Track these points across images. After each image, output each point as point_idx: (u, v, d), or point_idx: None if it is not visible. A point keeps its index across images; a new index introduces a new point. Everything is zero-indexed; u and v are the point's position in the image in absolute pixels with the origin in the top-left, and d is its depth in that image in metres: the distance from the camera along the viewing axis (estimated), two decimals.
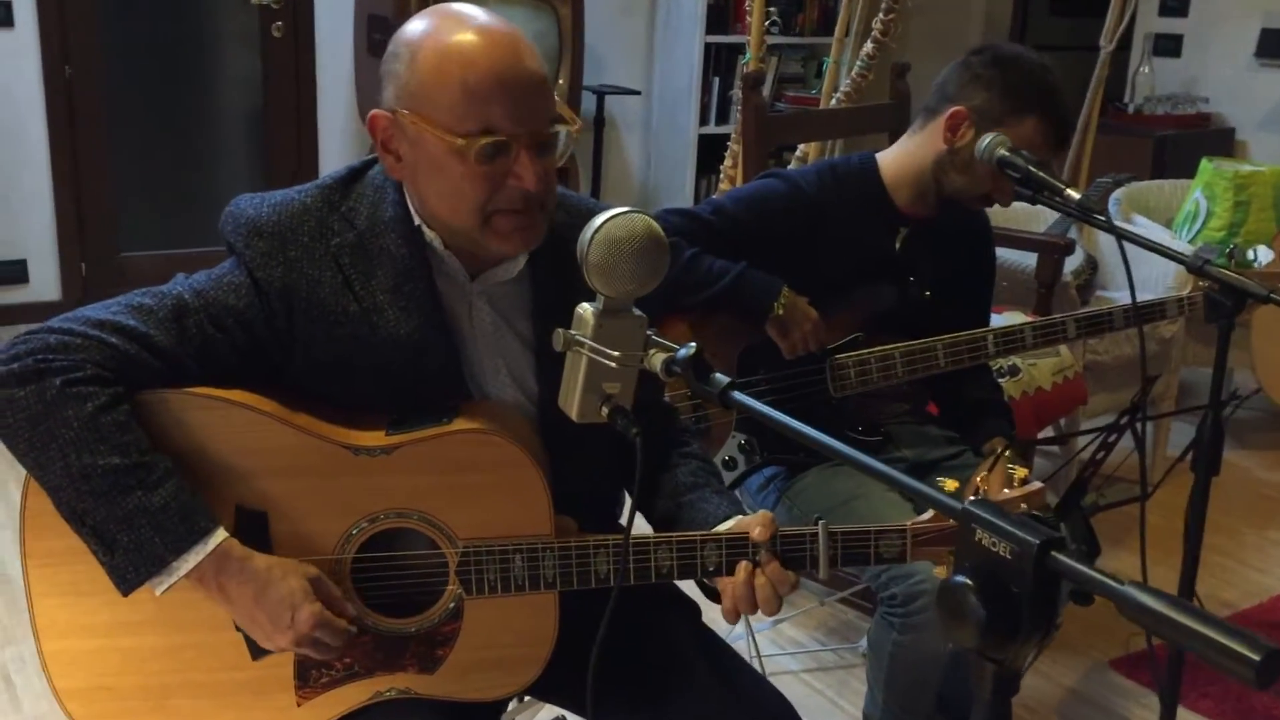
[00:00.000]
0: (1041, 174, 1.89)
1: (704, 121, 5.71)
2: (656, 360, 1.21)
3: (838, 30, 3.75)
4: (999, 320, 3.07)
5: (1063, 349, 3.12)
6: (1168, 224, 4.16)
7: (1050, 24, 7.08)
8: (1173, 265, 3.36)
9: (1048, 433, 3.25)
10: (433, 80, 1.36)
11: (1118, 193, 4.11)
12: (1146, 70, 5.43)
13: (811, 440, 1.08)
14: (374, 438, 1.42)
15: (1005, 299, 3.31)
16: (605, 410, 1.26)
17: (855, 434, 2.21)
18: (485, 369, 1.54)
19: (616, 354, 1.21)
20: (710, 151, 5.60)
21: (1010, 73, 2.03)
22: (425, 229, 1.48)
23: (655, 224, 1.24)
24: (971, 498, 1.50)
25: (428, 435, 1.42)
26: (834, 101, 3.60)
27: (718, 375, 1.17)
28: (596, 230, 1.21)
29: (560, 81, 5.04)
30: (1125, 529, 3.23)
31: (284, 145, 4.99)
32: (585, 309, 1.24)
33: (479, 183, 1.38)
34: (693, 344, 1.19)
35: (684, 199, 5.71)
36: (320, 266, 1.45)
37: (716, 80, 5.67)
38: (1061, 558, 0.82)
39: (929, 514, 1.55)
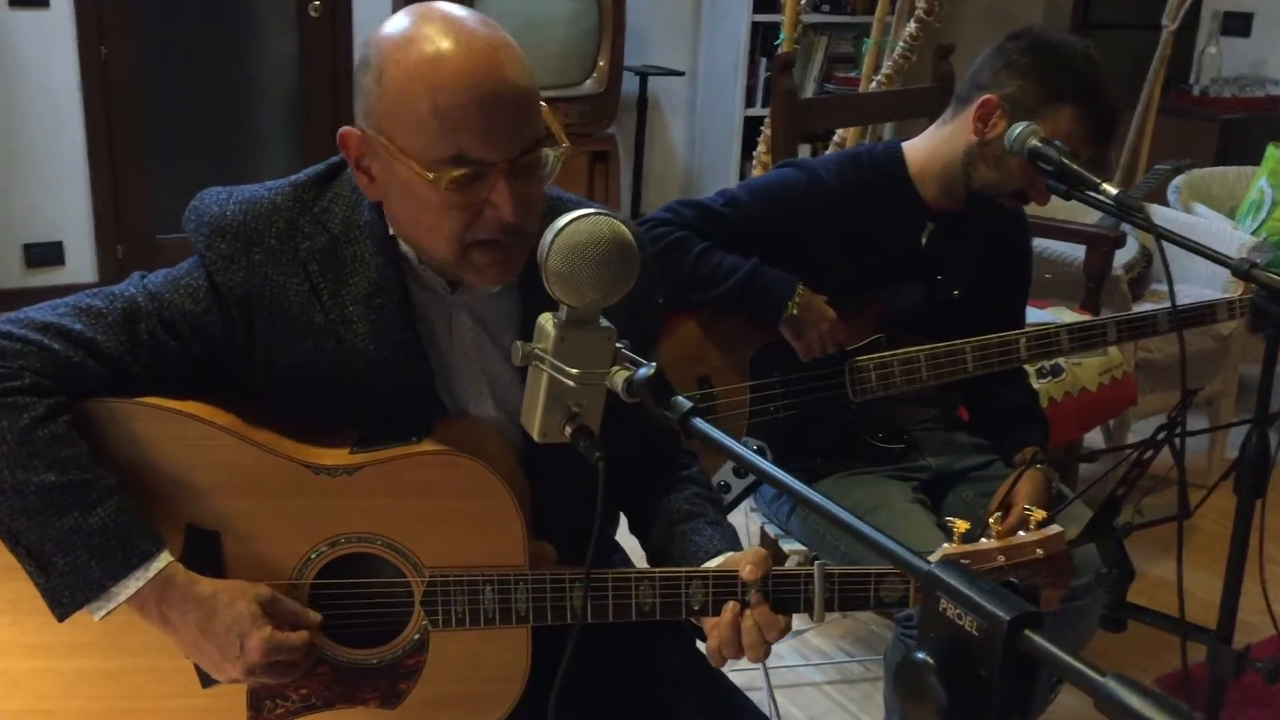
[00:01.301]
0: (1076, 167, 1.75)
1: (750, 104, 5.56)
2: (618, 379, 1.10)
3: (879, 10, 3.59)
4: (1044, 316, 2.93)
5: (1111, 347, 2.95)
6: (1230, 213, 3.95)
7: (1115, 1, 6.81)
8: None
9: (1095, 439, 3.09)
10: (400, 102, 1.24)
11: (1177, 180, 3.91)
12: (1213, 50, 5.19)
13: (767, 475, 0.97)
14: (337, 456, 1.33)
15: (1052, 293, 3.15)
16: (568, 430, 1.15)
17: (876, 440, 2.08)
18: (465, 386, 1.44)
19: (575, 371, 1.11)
20: (756, 134, 5.45)
21: (1047, 59, 1.88)
22: (401, 241, 1.37)
23: (623, 228, 1.12)
24: (946, 547, 1.38)
25: (393, 455, 1.32)
26: (874, 85, 3.45)
27: (679, 399, 1.06)
28: (558, 234, 1.10)
29: (601, 63, 4.93)
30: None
31: (321, 127, 4.92)
32: (547, 320, 1.14)
33: (452, 214, 1.27)
34: (654, 363, 1.08)
35: (729, 182, 5.57)
36: (286, 272, 1.35)
37: (764, 61, 5.51)
38: (1036, 639, 0.70)
39: (937, 554, 1.42)
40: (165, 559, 1.26)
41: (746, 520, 2.46)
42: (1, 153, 4.44)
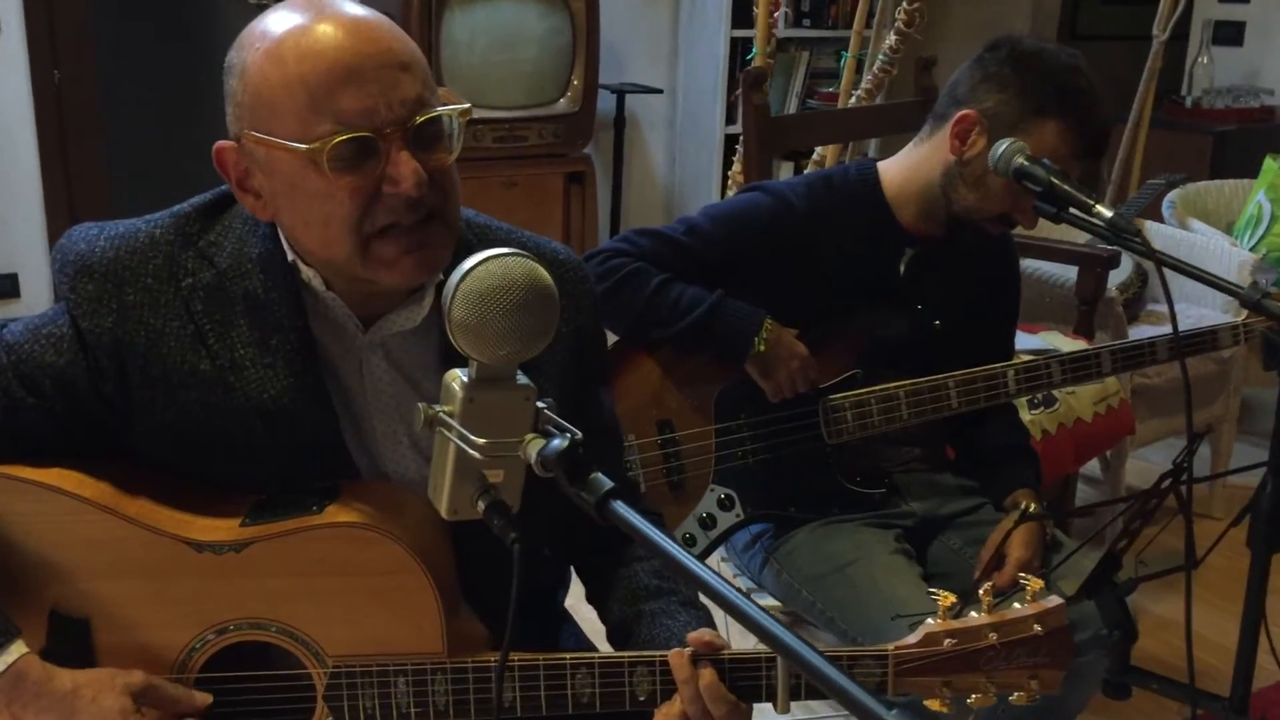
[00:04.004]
0: (1067, 188, 1.59)
1: (730, 121, 5.40)
2: (532, 449, 0.94)
3: (857, 23, 3.44)
4: (1035, 342, 2.76)
5: None
6: (1227, 229, 3.80)
7: (1103, 12, 6.69)
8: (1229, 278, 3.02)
9: (1090, 468, 2.93)
10: (265, 87, 1.10)
11: (1172, 194, 3.76)
12: (1205, 60, 5.05)
13: (685, 571, 0.80)
14: (224, 530, 1.16)
15: (1043, 316, 2.99)
16: (481, 506, 0.99)
17: (854, 485, 1.91)
18: (380, 438, 1.26)
19: (482, 441, 0.94)
20: (737, 152, 5.31)
21: (1028, 70, 1.72)
22: (301, 265, 1.20)
23: (540, 270, 0.96)
24: (930, 623, 1.21)
25: (289, 529, 1.16)
26: (854, 100, 3.29)
27: (598, 477, 0.89)
28: (463, 278, 0.94)
29: (575, 82, 4.78)
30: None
31: None
32: (454, 378, 0.98)
33: (345, 197, 1.10)
34: (569, 434, 0.91)
35: (710, 202, 5.41)
36: (165, 314, 1.18)
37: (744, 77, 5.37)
38: None
39: (919, 632, 1.25)
40: (18, 651, 1.10)
41: (718, 569, 2.29)
42: None
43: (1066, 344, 2.76)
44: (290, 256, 1.20)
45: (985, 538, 1.86)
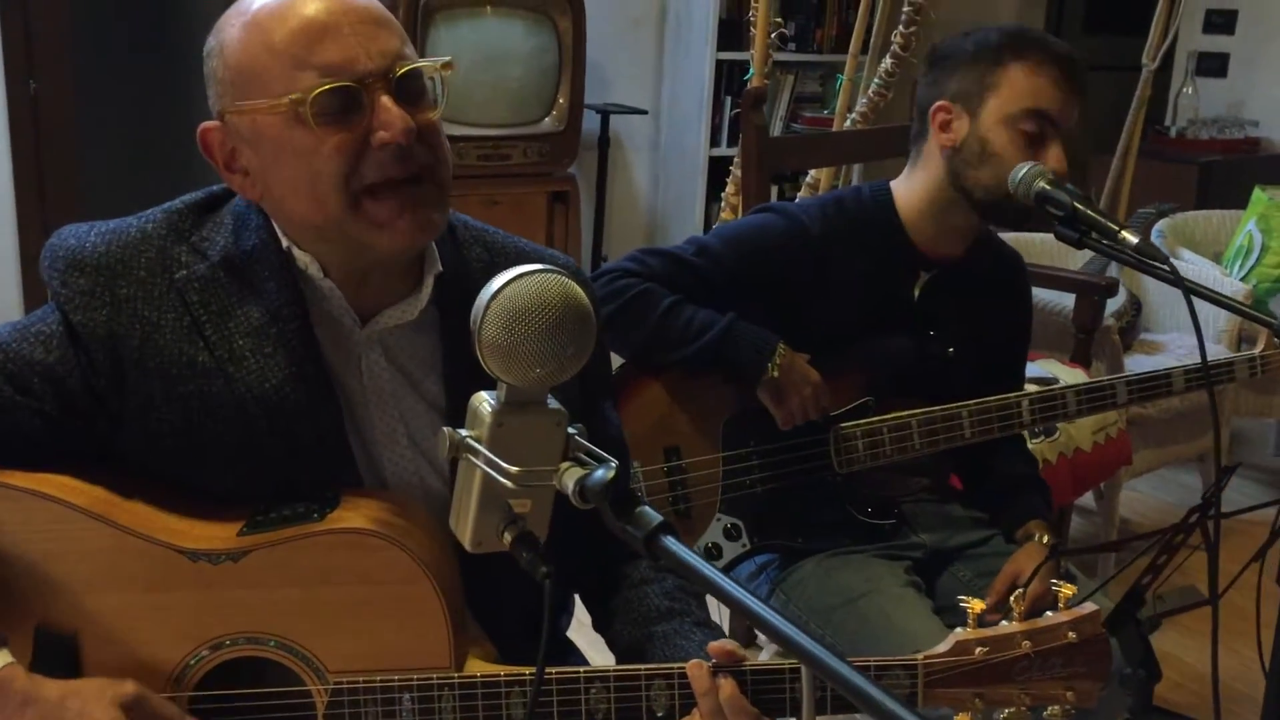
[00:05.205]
0: (1091, 212, 1.55)
1: (715, 143, 5.39)
2: (569, 479, 0.88)
3: (853, 45, 3.42)
4: (1034, 369, 2.73)
5: None
6: (1216, 258, 3.79)
7: (1084, 42, 6.71)
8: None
9: (1087, 508, 2.89)
10: (247, 54, 1.10)
11: (1161, 224, 3.75)
12: (1190, 91, 5.07)
13: (747, 610, 0.74)
14: (220, 539, 1.11)
15: (1040, 345, 2.95)
16: (508, 538, 0.93)
17: (865, 516, 1.86)
18: (379, 438, 1.22)
19: (515, 469, 0.88)
20: (722, 175, 5.26)
21: (969, 41, 1.75)
22: (297, 251, 1.16)
23: (576, 287, 0.90)
24: (959, 632, 1.17)
25: (289, 536, 1.10)
26: (849, 123, 3.26)
27: (646, 510, 0.83)
28: (494, 296, 0.88)
29: (561, 101, 4.74)
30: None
31: None
32: (482, 401, 0.92)
33: (331, 152, 1.09)
34: (610, 463, 0.85)
35: (693, 224, 5.38)
36: (160, 306, 1.14)
37: (728, 99, 5.34)
38: None
39: (950, 640, 1.20)
40: (2, 660, 1.04)
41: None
42: None
43: (1065, 373, 2.73)
44: (285, 243, 1.18)
45: (996, 569, 1.82)
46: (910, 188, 1.84)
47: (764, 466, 1.82)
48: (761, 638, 1.97)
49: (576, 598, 1.48)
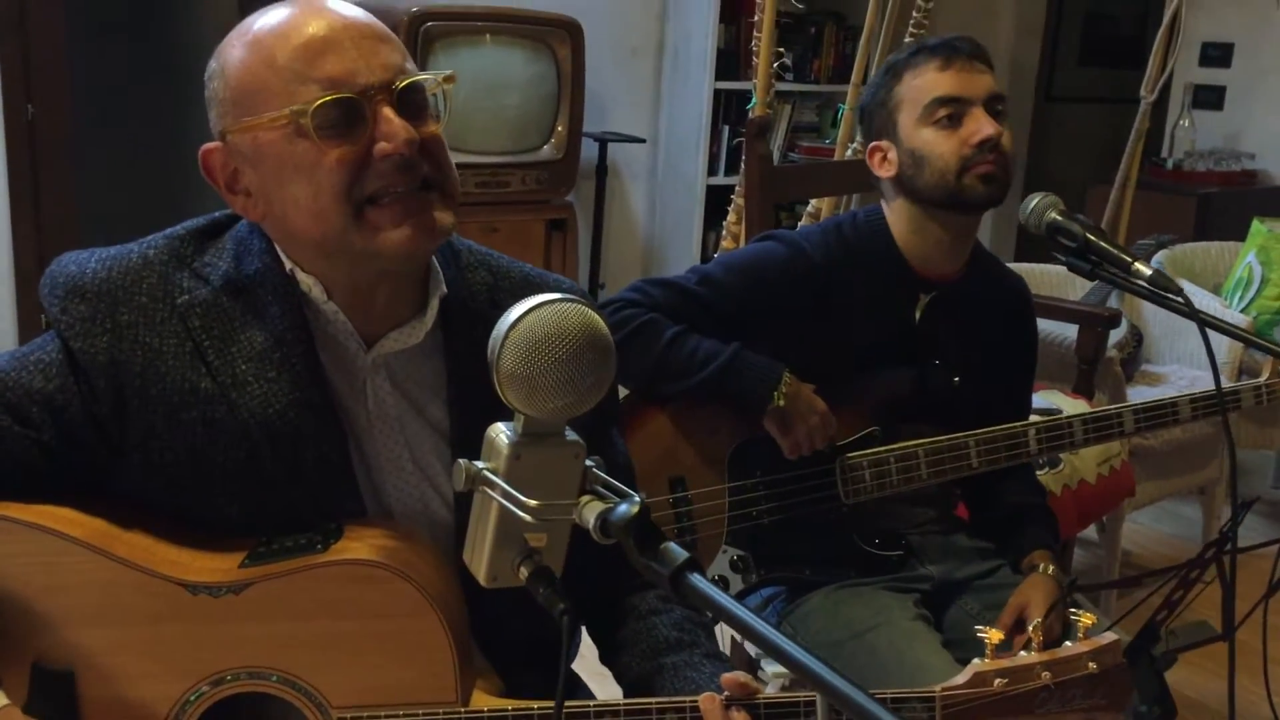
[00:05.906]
0: (1105, 244, 1.54)
1: (713, 172, 5.40)
2: (589, 513, 0.86)
3: (854, 76, 3.42)
4: (1037, 400, 2.72)
5: None
6: (1215, 290, 3.79)
7: (1079, 75, 6.76)
8: (1223, 337, 3.00)
9: (1089, 540, 2.87)
10: (249, 72, 1.10)
11: (1160, 255, 3.75)
12: (1186, 124, 5.09)
13: (775, 649, 0.72)
14: (222, 570, 1.08)
15: (1042, 376, 2.94)
16: (524, 573, 0.91)
17: (873, 547, 1.84)
18: (384, 464, 1.20)
19: (535, 503, 0.86)
20: (719, 203, 5.28)
21: (868, 84, 1.88)
22: (300, 274, 1.15)
23: (595, 316, 0.89)
24: (978, 663, 1.15)
25: (292, 568, 1.08)
26: (849, 153, 3.26)
27: (671, 547, 0.81)
28: (513, 325, 0.87)
29: (560, 129, 4.74)
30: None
31: None
32: (498, 432, 0.90)
33: (334, 165, 1.08)
34: (638, 498, 0.83)
35: (690, 253, 5.38)
36: (162, 332, 1.13)
37: (726, 129, 5.35)
38: None
39: (968, 671, 1.18)
40: None
41: (721, 631, 2.21)
42: None
43: (1068, 403, 2.72)
44: (289, 266, 1.16)
45: (1004, 601, 1.79)
46: (893, 219, 1.85)
47: (770, 497, 1.80)
48: (764, 672, 1.94)
49: (583, 628, 1.46)
